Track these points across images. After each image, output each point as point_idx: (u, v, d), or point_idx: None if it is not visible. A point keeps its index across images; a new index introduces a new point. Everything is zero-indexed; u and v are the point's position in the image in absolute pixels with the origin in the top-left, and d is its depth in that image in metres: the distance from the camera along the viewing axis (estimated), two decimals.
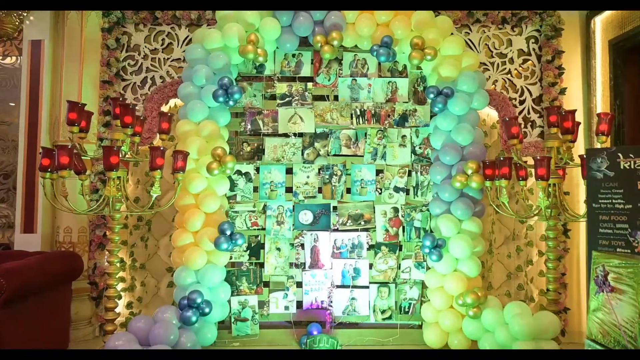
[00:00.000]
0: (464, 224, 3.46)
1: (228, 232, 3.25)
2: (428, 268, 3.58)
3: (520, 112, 3.92)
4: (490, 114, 3.96)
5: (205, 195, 3.36)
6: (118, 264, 3.15)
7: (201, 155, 3.37)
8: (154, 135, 3.76)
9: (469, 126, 3.50)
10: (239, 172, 3.65)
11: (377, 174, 3.65)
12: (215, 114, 3.48)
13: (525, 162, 3.27)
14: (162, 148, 2.94)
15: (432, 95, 3.43)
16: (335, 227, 3.61)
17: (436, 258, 3.39)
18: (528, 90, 3.99)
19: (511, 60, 3.99)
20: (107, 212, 2.92)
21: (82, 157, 2.97)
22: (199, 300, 3.12)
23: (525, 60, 4.00)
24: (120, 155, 2.85)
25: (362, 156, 3.68)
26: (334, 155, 3.68)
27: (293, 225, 3.61)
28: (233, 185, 3.60)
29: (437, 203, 3.53)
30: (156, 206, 3.28)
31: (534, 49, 4.00)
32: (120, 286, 3.59)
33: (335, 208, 3.64)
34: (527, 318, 3.05)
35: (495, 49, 4.01)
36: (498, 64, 3.99)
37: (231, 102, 3.39)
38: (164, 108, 3.85)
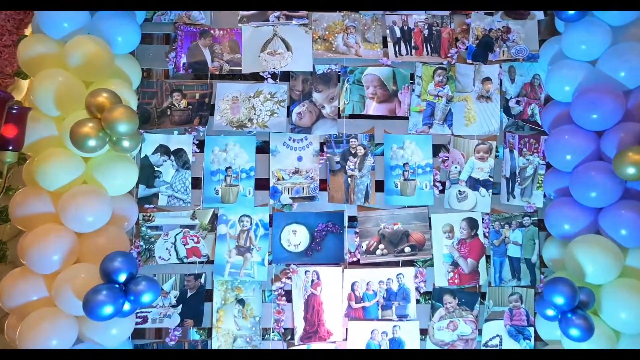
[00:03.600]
0: (632, 255, 1.82)
1: (122, 276, 1.69)
2: (538, 339, 2.18)
3: None
4: None
5: (76, 194, 1.83)
6: None
7: (69, 109, 1.88)
8: (7, 78, 2.39)
9: None
10: (163, 150, 2.23)
11: (435, 154, 2.40)
12: (103, 24, 1.98)
13: None
14: None
15: None
16: (354, 258, 2.33)
17: (579, 332, 1.75)
18: None
19: None
20: None
21: None
22: None
23: None
24: None
25: (407, 119, 2.41)
26: (351, 116, 2.39)
27: (270, 253, 2.31)
28: (151, 176, 2.22)
29: (563, 210, 1.97)
30: None
31: None
32: None
33: (353, 220, 2.39)
34: None
35: None
36: None
37: None
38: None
